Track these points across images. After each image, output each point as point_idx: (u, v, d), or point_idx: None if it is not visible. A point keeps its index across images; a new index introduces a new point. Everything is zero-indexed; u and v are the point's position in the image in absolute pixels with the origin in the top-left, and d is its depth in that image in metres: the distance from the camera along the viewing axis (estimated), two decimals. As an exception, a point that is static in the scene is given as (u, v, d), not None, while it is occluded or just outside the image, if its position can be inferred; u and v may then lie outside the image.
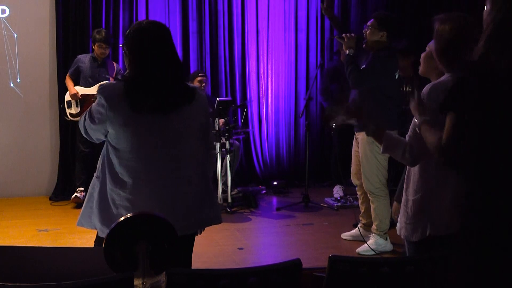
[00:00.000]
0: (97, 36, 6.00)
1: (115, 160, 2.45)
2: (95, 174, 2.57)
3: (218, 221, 2.72)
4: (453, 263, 1.90)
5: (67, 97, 5.98)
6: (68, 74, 6.08)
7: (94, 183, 2.55)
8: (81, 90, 5.97)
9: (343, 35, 4.56)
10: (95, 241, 3.28)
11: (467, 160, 1.84)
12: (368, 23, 4.53)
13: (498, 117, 1.77)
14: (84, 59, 6.08)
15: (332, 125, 2.71)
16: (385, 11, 6.42)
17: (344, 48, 4.54)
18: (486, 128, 1.78)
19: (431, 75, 2.63)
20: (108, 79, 5.99)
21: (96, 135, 2.52)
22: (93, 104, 2.49)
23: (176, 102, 2.44)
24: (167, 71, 2.43)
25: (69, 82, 6.02)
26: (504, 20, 1.82)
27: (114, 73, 6.10)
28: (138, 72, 2.43)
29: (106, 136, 2.49)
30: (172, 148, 2.45)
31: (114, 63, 6.24)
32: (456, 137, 1.84)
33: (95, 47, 6.03)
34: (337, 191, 6.46)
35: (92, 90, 5.90)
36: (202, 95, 2.59)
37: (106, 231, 2.44)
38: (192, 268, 2.73)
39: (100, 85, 2.50)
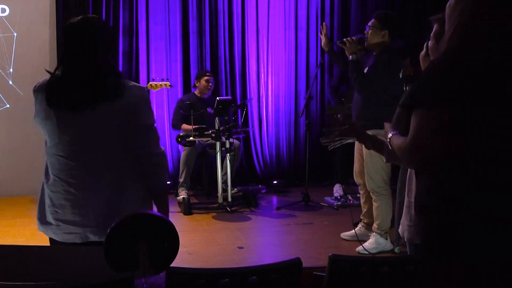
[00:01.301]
0: None
1: (46, 156, 2.48)
2: None
3: None
4: (435, 263, 1.88)
5: None
6: None
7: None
8: None
9: (344, 40, 4.55)
10: None
11: (436, 157, 1.80)
12: (369, 23, 4.51)
13: (466, 111, 1.75)
14: None
15: (337, 114, 2.68)
16: (387, 10, 6.42)
17: (346, 53, 4.52)
18: (467, 122, 1.76)
19: None
20: None
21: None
22: None
23: (90, 99, 2.31)
24: (83, 67, 2.34)
25: None
26: (474, 15, 1.81)
27: None
28: (58, 68, 2.40)
29: None
30: (85, 148, 2.35)
31: None
32: (424, 134, 1.80)
33: None
34: (337, 190, 6.47)
35: None
36: (134, 93, 2.37)
37: (40, 227, 2.53)
38: (192, 267, 2.72)
39: (37, 83, 2.49)
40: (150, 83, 5.99)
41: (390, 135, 2.07)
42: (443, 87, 1.75)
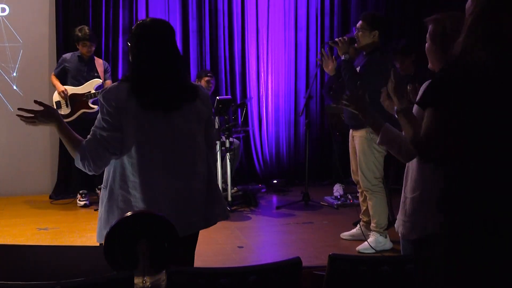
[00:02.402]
0: (80, 34, 5.76)
1: (126, 162, 2.42)
2: (102, 186, 2.53)
3: (225, 217, 2.72)
4: (435, 263, 1.89)
5: (56, 97, 5.81)
6: (53, 73, 5.93)
7: (102, 195, 2.51)
8: (70, 89, 5.81)
9: (336, 39, 4.57)
10: None
11: (447, 155, 1.82)
12: (357, 25, 4.53)
13: (480, 111, 1.77)
14: (70, 59, 5.88)
15: (333, 107, 2.72)
16: (374, 11, 6.42)
17: (339, 53, 4.54)
18: (468, 123, 1.78)
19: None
20: (98, 77, 5.89)
21: (113, 147, 2.39)
22: (98, 115, 2.42)
23: (181, 99, 2.45)
24: (171, 69, 2.44)
25: (55, 81, 5.84)
26: (480, 15, 1.82)
27: (103, 70, 5.96)
28: (143, 70, 2.42)
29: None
30: (178, 146, 2.46)
31: (101, 60, 6.10)
32: (436, 132, 1.83)
33: (79, 46, 5.81)
34: (337, 189, 6.47)
35: (82, 89, 5.81)
36: (205, 93, 2.59)
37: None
38: (191, 267, 2.72)
39: (102, 90, 2.44)
40: None
41: (398, 107, 2.13)
42: (453, 88, 1.78)
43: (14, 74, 6.35)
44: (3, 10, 6.31)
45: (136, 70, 2.45)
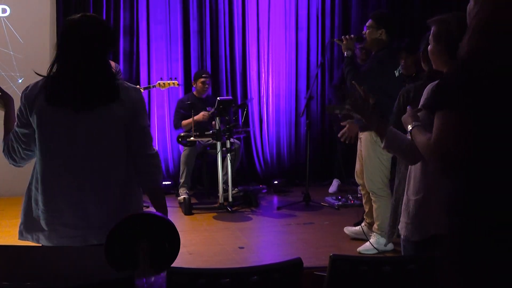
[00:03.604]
0: None
1: (37, 160, 2.41)
2: None
3: None
4: (442, 265, 1.89)
5: None
6: None
7: None
8: None
9: (342, 37, 4.59)
10: None
11: (460, 159, 1.82)
12: (367, 24, 4.56)
13: (491, 114, 1.76)
14: None
15: (337, 112, 2.68)
16: (383, 10, 6.44)
17: (343, 50, 4.57)
18: (480, 126, 1.77)
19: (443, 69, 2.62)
20: None
21: (24, 143, 2.40)
22: None
23: (91, 99, 2.31)
24: (84, 67, 2.32)
25: None
26: (489, 17, 1.82)
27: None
28: (59, 66, 2.36)
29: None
30: (83, 148, 2.33)
31: (113, 62, 6.17)
32: (447, 136, 1.82)
33: None
34: (333, 185, 6.57)
35: None
36: (132, 95, 2.40)
37: (26, 235, 2.41)
38: (192, 267, 2.72)
39: (27, 86, 2.44)
40: (159, 82, 6.02)
41: (411, 126, 2.09)
42: (461, 91, 1.77)
43: (10, 67, 6.35)
44: (4, 11, 6.32)
45: (53, 65, 2.39)
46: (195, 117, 5.97)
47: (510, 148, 1.75)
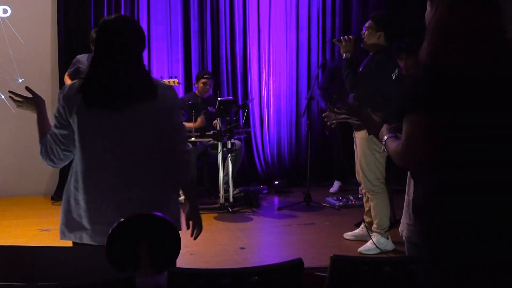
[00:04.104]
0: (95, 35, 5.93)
1: (77, 160, 2.41)
2: None
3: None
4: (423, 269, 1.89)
5: None
6: (67, 74, 6.01)
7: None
8: None
9: (341, 38, 4.57)
10: None
11: (428, 161, 1.82)
12: (366, 24, 4.54)
13: (452, 114, 1.76)
14: (83, 60, 5.96)
15: (332, 124, 2.67)
16: (383, 11, 6.43)
17: (342, 51, 4.54)
18: (444, 128, 1.77)
19: None
20: None
21: (63, 144, 2.41)
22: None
23: (130, 98, 2.35)
24: (121, 66, 2.36)
25: (68, 81, 5.93)
26: (445, 19, 1.82)
27: None
28: (94, 68, 2.39)
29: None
30: (123, 147, 2.37)
31: None
32: (414, 139, 1.82)
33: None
34: (334, 186, 6.58)
35: None
36: (168, 94, 2.44)
37: (69, 235, 2.45)
38: (193, 267, 2.72)
39: (63, 87, 2.47)
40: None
41: (385, 137, 2.09)
42: (424, 94, 1.78)
43: (11, 68, 6.35)
44: (5, 11, 6.32)
45: (90, 66, 2.42)
46: (195, 124, 6.00)
47: (473, 148, 1.76)
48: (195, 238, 2.59)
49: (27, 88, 2.59)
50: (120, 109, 2.34)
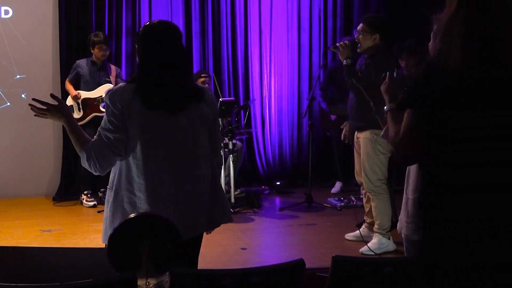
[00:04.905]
0: (96, 39, 5.94)
1: (131, 163, 2.43)
2: (108, 187, 2.53)
3: (229, 219, 2.70)
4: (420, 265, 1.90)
5: (69, 102, 5.92)
6: (67, 79, 6.06)
7: (108, 196, 2.51)
8: (82, 94, 5.94)
9: (337, 44, 4.54)
10: None
11: (422, 157, 1.85)
12: (358, 28, 4.51)
13: (453, 113, 1.78)
14: (82, 64, 6.02)
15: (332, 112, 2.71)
16: (374, 13, 6.41)
17: (341, 58, 4.49)
18: (440, 125, 1.79)
19: None
20: (110, 82, 5.99)
21: (117, 148, 2.41)
22: (104, 116, 2.45)
23: (186, 101, 2.46)
24: (176, 71, 2.45)
25: (69, 86, 5.98)
26: (452, 17, 1.84)
27: (115, 75, 6.09)
28: (149, 71, 2.44)
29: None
30: (183, 147, 2.47)
31: (113, 66, 6.21)
32: (410, 134, 1.86)
33: (95, 50, 5.96)
34: (335, 186, 6.57)
35: (94, 94, 5.92)
36: (210, 94, 2.61)
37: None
38: (194, 268, 2.72)
39: (108, 91, 2.47)
40: None
41: (387, 107, 2.15)
42: (428, 90, 1.80)
43: (18, 76, 6.36)
44: (6, 12, 6.33)
45: (141, 71, 2.47)
46: None
47: (467, 147, 1.77)
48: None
49: (52, 96, 2.48)
50: (177, 110, 2.43)
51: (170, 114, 2.43)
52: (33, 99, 2.45)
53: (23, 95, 6.31)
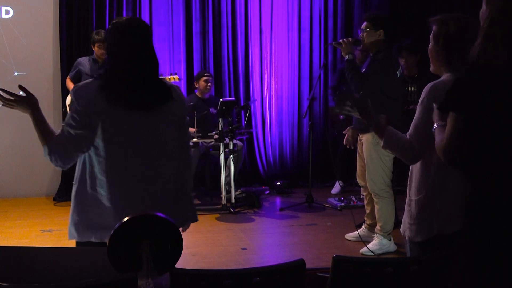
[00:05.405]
0: (97, 37, 5.96)
1: (94, 160, 2.41)
2: (73, 182, 2.51)
3: (194, 219, 2.67)
4: (455, 262, 1.90)
5: (68, 100, 5.96)
6: (68, 77, 6.08)
7: (72, 191, 2.50)
8: None
9: (341, 40, 4.57)
10: None
11: (470, 159, 1.83)
12: (362, 26, 4.53)
13: (499, 115, 1.77)
14: (84, 62, 6.04)
15: (337, 112, 2.67)
16: (377, 11, 6.43)
17: (343, 54, 4.53)
18: (487, 127, 1.78)
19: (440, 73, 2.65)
20: None
21: (79, 145, 2.39)
22: (69, 111, 2.43)
23: (152, 99, 2.42)
24: (144, 68, 2.41)
25: (70, 84, 5.99)
26: (497, 17, 1.82)
27: None
28: (115, 68, 2.41)
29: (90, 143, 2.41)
30: (148, 146, 2.43)
31: None
32: (457, 137, 1.83)
33: (95, 48, 5.99)
34: (335, 186, 6.60)
35: None
36: (179, 94, 2.56)
37: (87, 235, 2.44)
38: (195, 268, 2.72)
39: (74, 86, 2.44)
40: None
41: (436, 125, 2.10)
42: (474, 92, 1.78)
43: (16, 73, 6.36)
44: (7, 12, 6.33)
45: (107, 67, 2.45)
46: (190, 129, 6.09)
47: None
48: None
49: (21, 87, 2.47)
50: (143, 109, 2.40)
51: (135, 112, 2.38)
52: (0, 89, 2.44)
53: (21, 92, 6.29)
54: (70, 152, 2.41)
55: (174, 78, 6.16)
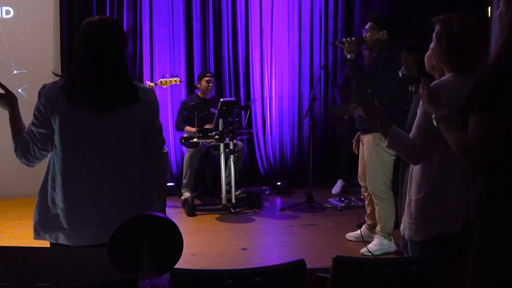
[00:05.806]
0: None
1: (55, 159, 2.41)
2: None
3: None
4: (460, 261, 1.90)
5: None
6: None
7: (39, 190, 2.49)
8: None
9: (344, 39, 4.58)
10: None
11: (495, 160, 1.82)
12: (366, 26, 4.54)
13: None
14: None
15: (338, 113, 2.68)
16: (381, 12, 6.44)
17: (345, 53, 4.54)
18: (506, 128, 1.78)
19: (435, 73, 2.66)
20: None
21: (41, 143, 2.40)
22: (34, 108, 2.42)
23: (115, 100, 2.35)
24: (107, 69, 2.35)
25: None
26: None
27: None
28: (78, 68, 2.37)
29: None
30: (108, 149, 2.37)
31: None
32: (485, 138, 1.82)
33: None
34: (337, 185, 6.59)
35: None
36: (148, 95, 2.46)
37: (44, 234, 2.42)
38: (195, 268, 2.72)
39: (42, 85, 2.43)
40: (160, 80, 6.09)
41: (438, 115, 2.09)
42: (496, 93, 1.78)
43: (15, 72, 6.36)
44: (8, 12, 6.33)
45: (72, 66, 2.41)
46: (188, 128, 6.19)
47: None
48: None
49: (0, 85, 2.48)
50: (104, 110, 2.34)
51: (95, 113, 2.33)
52: None
53: (19, 90, 6.29)
54: (33, 150, 2.44)
55: (175, 81, 6.16)
